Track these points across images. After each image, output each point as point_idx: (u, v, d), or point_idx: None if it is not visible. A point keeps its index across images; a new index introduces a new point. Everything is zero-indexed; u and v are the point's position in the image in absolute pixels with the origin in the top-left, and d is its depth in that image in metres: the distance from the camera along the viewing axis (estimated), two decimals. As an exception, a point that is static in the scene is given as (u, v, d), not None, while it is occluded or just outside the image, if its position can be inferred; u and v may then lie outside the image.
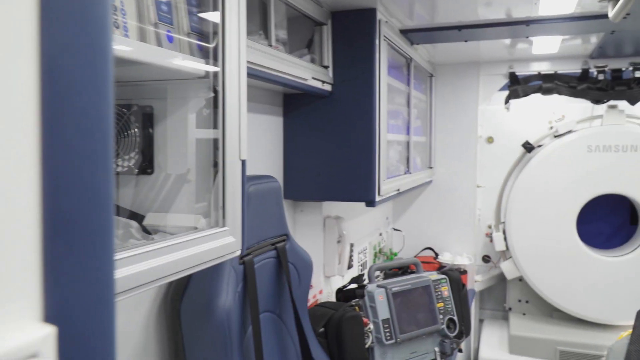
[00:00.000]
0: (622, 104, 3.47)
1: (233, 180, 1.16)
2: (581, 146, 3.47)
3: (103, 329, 0.40)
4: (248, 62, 1.49)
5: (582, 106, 3.72)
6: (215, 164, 1.15)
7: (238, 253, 1.18)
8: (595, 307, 3.49)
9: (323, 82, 2.12)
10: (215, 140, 1.14)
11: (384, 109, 2.28)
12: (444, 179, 3.71)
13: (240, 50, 1.17)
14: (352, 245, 2.65)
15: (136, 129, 1.15)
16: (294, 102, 2.28)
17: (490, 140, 3.97)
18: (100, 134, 0.39)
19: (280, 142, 2.29)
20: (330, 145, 2.23)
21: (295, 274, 1.79)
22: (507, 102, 3.62)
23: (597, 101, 3.38)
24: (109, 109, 0.40)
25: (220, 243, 1.12)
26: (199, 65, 1.09)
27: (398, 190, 2.62)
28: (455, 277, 2.52)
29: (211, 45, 1.13)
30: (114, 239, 0.41)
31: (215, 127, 1.14)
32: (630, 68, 3.25)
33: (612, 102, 3.46)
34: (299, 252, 1.83)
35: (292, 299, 1.73)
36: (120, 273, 0.80)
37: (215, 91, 1.14)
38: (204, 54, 1.12)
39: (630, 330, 1.64)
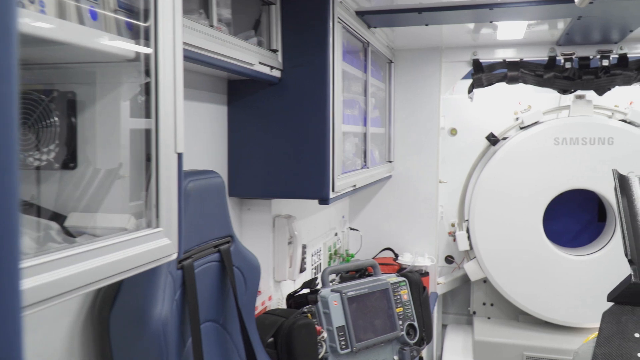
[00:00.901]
0: (590, 94, 3.61)
1: (168, 175, 1.14)
2: (548, 139, 3.60)
3: (7, 346, 0.38)
4: (186, 44, 1.46)
5: (549, 96, 3.86)
6: (149, 158, 1.13)
7: (174, 256, 1.17)
8: (563, 309, 3.63)
9: (271, 67, 2.11)
10: (149, 131, 1.12)
11: (338, 98, 2.29)
12: (404, 174, 3.77)
13: (175, 30, 1.14)
14: (304, 246, 2.65)
15: (56, 118, 1.11)
16: (239, 90, 2.26)
17: (453, 132, 4.06)
18: (1, 122, 0.37)
19: (224, 133, 2.27)
20: (280, 137, 2.23)
21: (241, 279, 1.78)
22: (470, 91, 3.70)
23: (564, 91, 3.50)
24: (12, 94, 0.38)
25: (154, 246, 1.09)
26: (127, 46, 1.06)
27: (354, 186, 2.64)
28: (416, 279, 2.57)
29: (142, 24, 1.10)
30: (19, 244, 0.39)
31: (148, 116, 1.12)
32: (598, 56, 3.38)
33: (579, 92, 3.60)
34: (246, 255, 1.81)
35: (238, 307, 1.72)
36: (36, 281, 0.77)
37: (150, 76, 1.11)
38: (134, 34, 1.09)
39: (596, 333, 1.71)
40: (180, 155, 1.18)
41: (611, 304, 1.78)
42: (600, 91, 3.43)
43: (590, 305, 3.56)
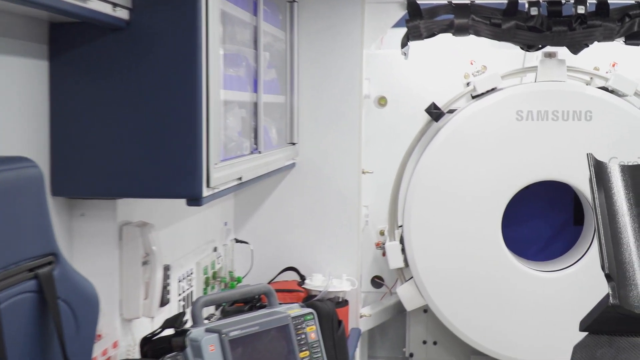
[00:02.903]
0: (563, 52, 3.79)
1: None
2: (508, 112, 3.76)
3: None
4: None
5: (509, 53, 4.02)
6: None
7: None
8: (529, 346, 3.80)
9: (115, 4, 2.07)
10: None
11: (215, 51, 2.28)
12: (313, 162, 3.80)
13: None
14: (167, 268, 2.62)
15: None
16: (67, 38, 2.19)
17: (382, 101, 4.15)
18: None
19: (44, 101, 2.20)
20: (128, 107, 2.18)
21: (70, 317, 1.74)
22: (404, 44, 3.77)
23: (529, 47, 3.65)
24: None
25: None
26: None
27: (240, 179, 2.63)
28: (328, 311, 2.61)
29: None
30: None
31: None
32: (572, 1, 3.54)
33: (548, 49, 3.77)
34: (77, 282, 1.77)
35: (65, 357, 1.68)
36: None
37: None
38: None
39: (568, 375, 1.82)
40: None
41: (585, 334, 1.89)
42: (575, 48, 3.60)
43: (565, 338, 3.73)
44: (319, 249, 3.83)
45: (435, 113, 3.94)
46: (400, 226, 3.96)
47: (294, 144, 3.73)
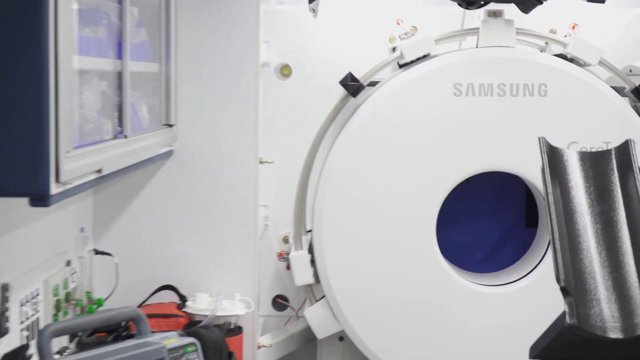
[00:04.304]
0: (511, 11, 3.87)
1: None
2: (444, 85, 3.81)
3: None
4: None
5: (445, 11, 4.08)
6: None
7: None
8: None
9: None
10: None
11: (66, 5, 2.25)
12: (196, 149, 3.79)
13: None
14: (5, 287, 2.58)
15: None
16: None
17: (285, 71, 4.15)
18: None
19: None
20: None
21: None
22: (312, -1, 3.80)
23: (468, 3, 3.72)
24: None
25: None
26: None
27: (100, 171, 2.61)
28: (216, 340, 2.62)
29: None
30: None
31: None
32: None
33: (493, 6, 3.84)
34: None
35: None
36: None
37: None
38: None
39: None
40: None
41: (537, 361, 1.95)
42: (526, 5, 3.68)
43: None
44: (204, 261, 3.83)
45: (352, 86, 3.95)
46: (309, 231, 3.97)
47: (170, 125, 3.71)
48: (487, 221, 4.32)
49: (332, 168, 3.84)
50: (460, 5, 3.76)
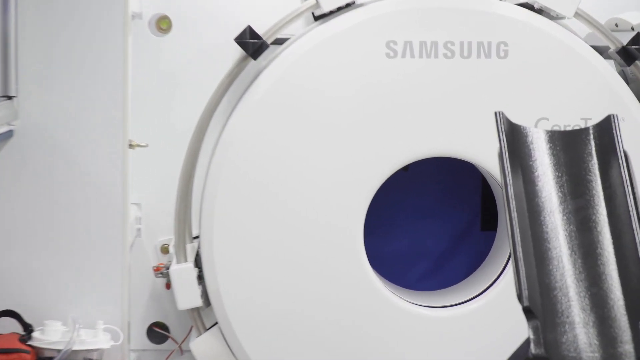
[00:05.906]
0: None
1: None
2: (373, 44, 3.85)
3: None
4: None
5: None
6: None
7: None
8: None
9: None
10: None
11: None
12: (43, 128, 3.77)
13: None
14: None
15: None
16: None
17: (163, 25, 4.17)
18: None
19: None
20: None
21: None
22: None
23: None
24: None
25: None
26: None
27: None
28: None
29: None
30: None
31: None
32: None
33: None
34: None
35: None
36: None
37: None
38: None
39: None
40: None
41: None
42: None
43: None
44: (56, 279, 3.82)
45: (252, 45, 3.93)
46: (196, 237, 3.99)
47: (10, 97, 3.69)
48: (431, 223, 4.37)
49: (226, 153, 3.85)
50: None
